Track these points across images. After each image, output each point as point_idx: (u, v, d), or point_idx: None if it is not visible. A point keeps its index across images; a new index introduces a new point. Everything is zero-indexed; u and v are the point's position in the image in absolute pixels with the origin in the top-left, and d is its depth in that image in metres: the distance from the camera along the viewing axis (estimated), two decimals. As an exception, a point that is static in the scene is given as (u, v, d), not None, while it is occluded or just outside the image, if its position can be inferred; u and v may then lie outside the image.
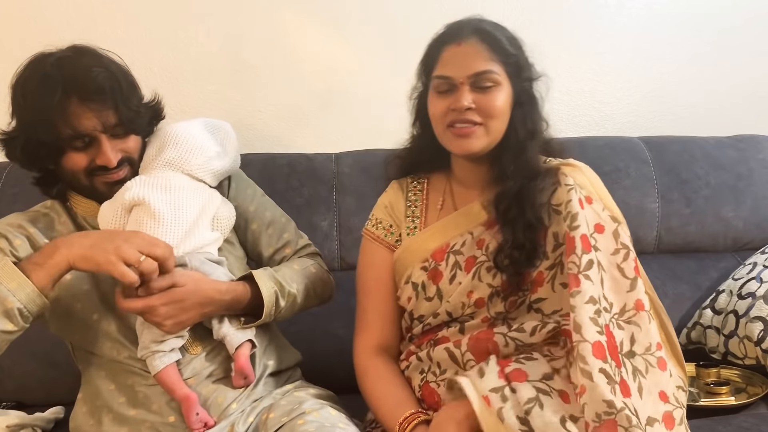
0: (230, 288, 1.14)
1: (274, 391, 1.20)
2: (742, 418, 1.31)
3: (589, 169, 1.15)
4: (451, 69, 1.08)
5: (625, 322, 1.02)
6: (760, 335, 1.41)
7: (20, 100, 1.09)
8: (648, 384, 0.99)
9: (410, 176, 1.26)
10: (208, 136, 1.23)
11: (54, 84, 1.05)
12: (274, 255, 1.31)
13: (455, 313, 1.13)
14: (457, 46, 1.09)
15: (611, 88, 2.01)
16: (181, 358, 1.14)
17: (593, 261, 1.01)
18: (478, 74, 1.07)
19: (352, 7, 1.86)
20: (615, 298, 1.03)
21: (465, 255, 1.13)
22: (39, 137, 1.07)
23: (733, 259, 1.76)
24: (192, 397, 1.09)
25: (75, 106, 1.06)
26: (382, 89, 1.88)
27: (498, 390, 0.96)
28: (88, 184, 1.13)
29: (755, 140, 1.87)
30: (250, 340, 1.17)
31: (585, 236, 1.03)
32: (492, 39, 1.09)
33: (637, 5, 1.98)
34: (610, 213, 1.09)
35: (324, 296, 1.32)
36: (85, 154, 1.10)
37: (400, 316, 1.22)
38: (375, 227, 1.24)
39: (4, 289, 0.96)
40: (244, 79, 1.85)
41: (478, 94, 1.07)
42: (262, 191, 1.35)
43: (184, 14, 1.81)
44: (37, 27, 1.77)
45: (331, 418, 1.09)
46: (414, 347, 1.17)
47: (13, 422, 1.33)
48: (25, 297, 0.97)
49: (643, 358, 1.01)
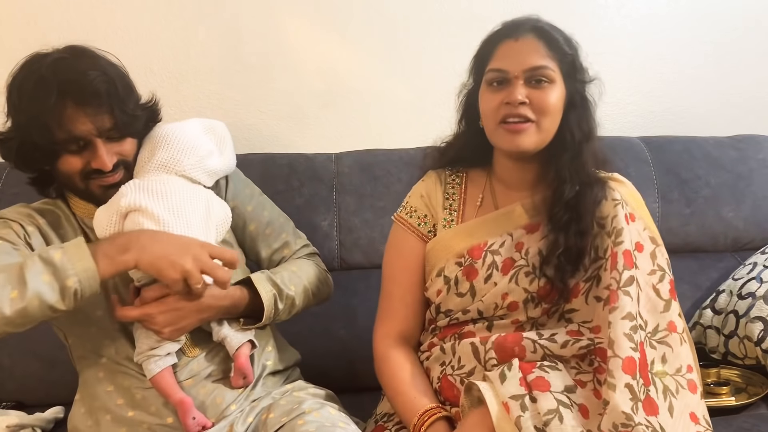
0: (228, 293, 1.13)
1: (273, 391, 1.20)
2: (742, 419, 1.31)
3: (634, 188, 1.16)
4: (507, 63, 1.08)
5: (657, 342, 1.03)
6: (760, 335, 1.41)
7: (16, 102, 1.08)
8: (679, 405, 0.99)
9: (448, 168, 1.24)
10: (200, 135, 1.21)
11: (49, 87, 1.03)
12: (272, 256, 1.31)
13: (486, 313, 1.13)
14: (514, 42, 1.09)
15: (611, 88, 1.99)
16: (179, 361, 1.14)
17: (634, 278, 1.02)
18: (533, 69, 1.06)
19: (352, 8, 1.86)
20: (649, 317, 1.04)
21: (503, 256, 1.13)
22: (33, 139, 1.06)
23: (733, 259, 1.76)
24: (187, 402, 1.08)
25: (70, 110, 1.05)
26: (383, 89, 1.88)
27: (518, 398, 0.95)
28: (84, 187, 1.12)
29: (755, 140, 1.87)
30: (251, 341, 1.17)
31: (628, 252, 1.04)
32: (549, 37, 1.09)
33: (637, 5, 1.98)
34: (650, 233, 1.10)
35: (322, 296, 1.33)
36: (80, 158, 1.09)
37: (425, 306, 1.21)
38: (409, 215, 1.22)
39: (71, 267, 0.95)
40: (244, 79, 1.85)
41: (532, 90, 1.06)
42: (260, 191, 1.35)
43: (184, 14, 1.81)
44: (36, 27, 1.76)
45: (331, 417, 1.09)
46: (437, 339, 1.17)
47: (13, 422, 1.33)
48: (86, 281, 0.96)
49: (674, 378, 1.01)
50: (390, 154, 1.74)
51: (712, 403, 1.35)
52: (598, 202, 1.09)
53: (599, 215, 1.08)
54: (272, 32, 1.84)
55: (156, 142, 1.17)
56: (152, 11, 1.80)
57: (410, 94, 1.82)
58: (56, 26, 1.77)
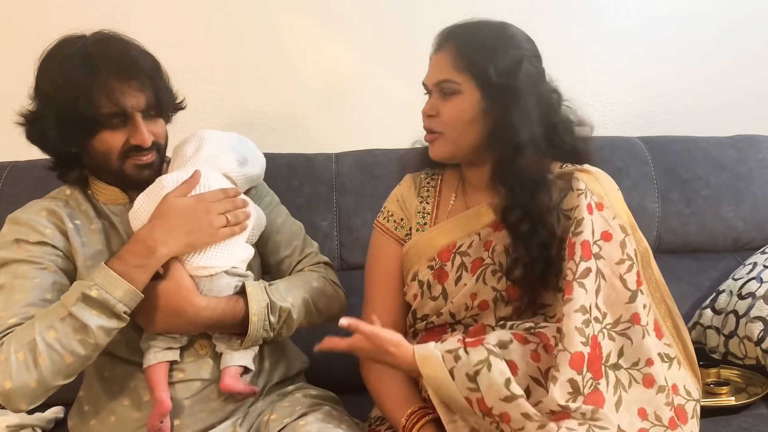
0: (210, 304, 1.10)
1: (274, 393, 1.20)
2: (742, 418, 1.31)
3: (606, 176, 1.13)
4: (427, 76, 1.14)
5: (618, 333, 1.02)
6: (760, 335, 1.41)
7: (58, 79, 1.09)
8: (628, 399, 0.99)
9: (424, 172, 1.26)
10: (238, 143, 1.26)
11: (98, 62, 1.08)
12: (280, 264, 1.29)
13: (458, 315, 1.13)
14: (434, 55, 1.13)
15: (611, 88, 2.01)
16: (186, 357, 1.14)
17: (591, 269, 1.01)
18: (439, 83, 1.10)
19: (352, 8, 1.86)
20: (611, 308, 1.03)
21: (472, 257, 1.13)
22: (78, 113, 1.07)
23: (733, 259, 1.76)
24: (166, 405, 1.07)
25: (119, 84, 1.09)
26: (383, 89, 1.88)
27: (452, 351, 0.98)
28: (118, 166, 1.13)
29: (755, 140, 1.86)
30: (243, 365, 1.15)
31: (587, 243, 1.02)
32: (461, 47, 1.09)
33: (637, 5, 1.98)
34: (620, 222, 1.07)
35: (332, 312, 1.25)
36: (121, 134, 1.11)
37: (407, 310, 1.21)
38: (386, 220, 1.24)
39: (110, 298, 1.01)
40: (244, 79, 1.85)
41: (442, 102, 1.10)
42: (278, 200, 1.35)
43: (184, 14, 1.81)
44: (36, 27, 1.76)
45: (333, 419, 1.10)
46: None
47: (13, 422, 1.34)
48: (130, 301, 1.03)
49: (628, 372, 1.01)
50: (390, 154, 1.73)
51: (712, 403, 1.35)
52: (558, 197, 1.08)
53: (565, 207, 1.08)
54: (272, 32, 1.84)
55: (201, 139, 1.21)
56: (152, 11, 1.80)
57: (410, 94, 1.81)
58: (56, 26, 1.76)
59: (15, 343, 0.99)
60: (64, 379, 1.02)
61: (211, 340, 1.16)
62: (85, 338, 1.00)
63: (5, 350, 0.99)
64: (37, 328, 0.99)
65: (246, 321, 1.11)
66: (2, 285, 1.07)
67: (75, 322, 0.99)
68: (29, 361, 0.98)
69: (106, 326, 1.01)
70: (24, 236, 1.10)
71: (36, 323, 1.00)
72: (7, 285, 1.07)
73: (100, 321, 1.00)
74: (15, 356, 0.98)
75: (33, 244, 1.10)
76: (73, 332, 0.99)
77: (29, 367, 0.98)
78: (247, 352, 1.15)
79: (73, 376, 1.03)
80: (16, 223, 1.12)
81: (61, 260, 1.11)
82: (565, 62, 1.97)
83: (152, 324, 1.09)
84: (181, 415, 1.12)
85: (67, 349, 0.99)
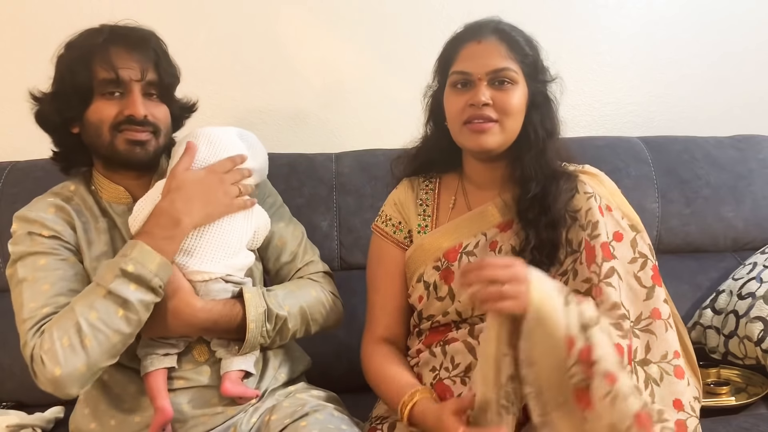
0: (207, 306, 1.10)
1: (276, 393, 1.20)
2: (742, 418, 1.31)
3: (607, 177, 1.16)
4: (470, 65, 1.10)
5: (641, 330, 1.03)
6: (760, 335, 1.41)
7: (64, 52, 1.11)
8: (662, 392, 1.00)
9: (421, 175, 1.26)
10: (236, 140, 1.22)
11: (101, 31, 1.11)
12: (280, 270, 1.27)
13: (465, 314, 1.13)
14: (477, 44, 1.11)
15: (611, 88, 2.01)
16: (185, 364, 1.13)
17: (614, 269, 1.02)
18: (496, 71, 1.08)
19: (352, 8, 1.86)
20: (631, 307, 1.04)
21: (478, 257, 1.13)
22: (74, 80, 1.08)
23: (733, 259, 1.76)
24: (168, 413, 1.07)
25: (118, 50, 1.10)
26: (383, 89, 1.88)
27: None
28: (110, 140, 1.11)
29: (755, 140, 1.86)
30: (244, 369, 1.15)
31: (606, 244, 1.04)
32: (510, 39, 1.11)
33: (637, 5, 1.98)
34: (629, 221, 1.10)
35: (328, 322, 1.25)
36: (115, 104, 1.10)
37: (408, 313, 1.21)
38: (384, 224, 1.25)
39: (148, 272, 1.01)
40: (244, 79, 1.85)
41: (495, 91, 1.08)
42: (282, 201, 1.33)
43: (184, 14, 1.81)
44: (36, 27, 1.76)
45: (334, 419, 1.09)
46: (423, 345, 1.17)
47: (13, 422, 1.33)
48: (164, 273, 1.04)
49: (658, 366, 1.02)
50: (390, 154, 1.72)
51: (712, 403, 1.35)
52: (567, 194, 1.10)
53: (571, 209, 1.09)
54: (272, 33, 1.84)
55: (197, 137, 1.18)
56: (152, 11, 1.79)
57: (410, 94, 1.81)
58: (56, 26, 1.76)
59: (57, 330, 0.98)
60: (111, 358, 1.02)
61: (209, 346, 1.16)
62: (128, 314, 1.00)
63: (48, 338, 0.98)
64: (78, 311, 0.99)
65: (242, 326, 1.11)
66: (24, 278, 1.06)
67: (116, 298, 0.99)
68: (76, 344, 0.97)
69: (145, 300, 1.01)
70: (37, 230, 1.10)
71: (75, 307, 0.99)
72: (30, 277, 1.06)
73: (139, 294, 1.01)
74: (60, 342, 0.97)
75: (47, 237, 1.09)
76: (115, 309, 0.99)
77: (77, 351, 0.97)
78: (246, 356, 1.15)
79: (117, 357, 1.03)
80: (26, 220, 1.11)
81: (74, 255, 1.11)
82: (565, 62, 1.97)
83: (150, 327, 1.07)
84: (183, 420, 1.12)
85: (112, 327, 0.99)
